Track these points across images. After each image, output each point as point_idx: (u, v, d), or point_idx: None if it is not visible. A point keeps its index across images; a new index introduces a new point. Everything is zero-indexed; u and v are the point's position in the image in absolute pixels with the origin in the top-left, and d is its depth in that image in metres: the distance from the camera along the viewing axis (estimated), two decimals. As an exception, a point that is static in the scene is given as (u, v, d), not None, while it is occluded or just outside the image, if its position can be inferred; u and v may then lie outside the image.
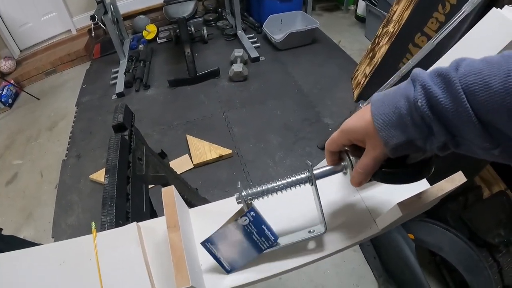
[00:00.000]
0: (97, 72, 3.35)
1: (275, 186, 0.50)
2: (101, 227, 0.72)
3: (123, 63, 3.19)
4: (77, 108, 2.89)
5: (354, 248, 1.71)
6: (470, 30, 1.03)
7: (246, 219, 0.50)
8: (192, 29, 3.38)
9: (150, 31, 3.64)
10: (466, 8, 1.45)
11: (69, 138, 2.60)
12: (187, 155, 2.23)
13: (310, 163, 0.51)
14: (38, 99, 3.14)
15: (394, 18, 2.32)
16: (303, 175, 0.52)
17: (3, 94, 3.08)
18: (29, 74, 3.38)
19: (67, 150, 2.50)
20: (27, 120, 2.93)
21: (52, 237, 1.94)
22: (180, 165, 2.16)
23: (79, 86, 3.20)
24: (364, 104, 1.66)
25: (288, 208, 0.58)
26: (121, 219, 0.80)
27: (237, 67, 2.75)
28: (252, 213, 0.50)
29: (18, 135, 2.78)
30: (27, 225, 2.07)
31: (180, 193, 1.28)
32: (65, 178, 2.28)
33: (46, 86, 3.34)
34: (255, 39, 3.37)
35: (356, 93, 2.56)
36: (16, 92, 3.25)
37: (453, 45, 1.16)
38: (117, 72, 3.12)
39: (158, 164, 1.32)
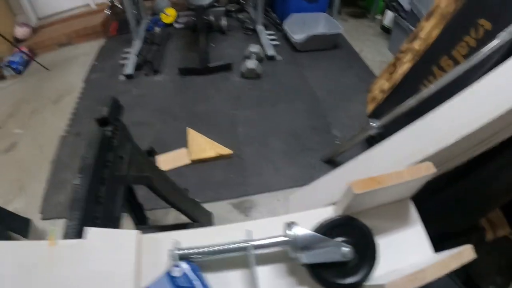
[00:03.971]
0: (110, 50, 3.23)
1: (210, 250, 0.50)
2: (66, 233, 0.64)
3: (137, 44, 3.06)
4: (84, 85, 2.79)
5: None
6: (505, 63, 0.87)
7: (179, 271, 0.47)
8: (212, 18, 3.23)
9: (169, 14, 3.49)
10: (501, 38, 1.28)
11: (72, 115, 2.50)
12: (185, 148, 2.11)
13: (251, 231, 0.51)
14: (49, 70, 3.05)
15: (421, 35, 2.14)
16: (239, 245, 0.51)
17: (15, 61, 3.01)
18: (43, 44, 3.29)
19: (67, 127, 2.40)
20: (34, 90, 2.86)
21: (40, 213, 1.86)
22: (176, 159, 2.06)
23: (90, 62, 3.09)
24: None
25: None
26: (88, 225, 0.70)
27: (251, 63, 2.60)
28: (186, 265, 0.47)
29: (23, 104, 2.71)
30: (19, 197, 2.00)
31: (165, 195, 1.17)
32: (62, 155, 2.20)
33: (58, 57, 3.24)
34: (274, 37, 3.21)
35: (370, 107, 2.40)
36: (28, 61, 3.15)
37: (481, 74, 1.00)
38: (129, 52, 3.00)
39: (143, 164, 1.20)
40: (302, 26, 3.16)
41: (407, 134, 1.19)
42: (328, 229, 0.54)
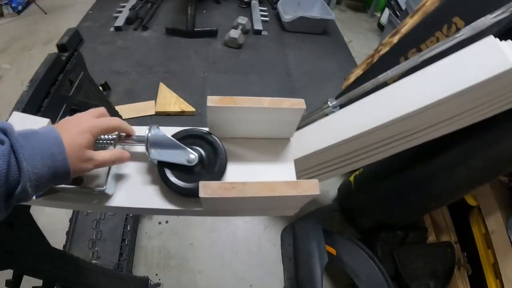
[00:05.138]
0: (107, 1, 3.23)
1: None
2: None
3: (134, -1, 3.07)
4: (75, 31, 2.80)
5: (274, 243, 1.63)
6: (460, 51, 0.87)
7: None
8: (209, -14, 3.22)
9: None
10: (464, 32, 1.26)
11: (57, 56, 2.53)
12: (153, 101, 2.15)
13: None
14: (45, 13, 3.09)
15: (402, 30, 2.12)
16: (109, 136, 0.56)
17: (15, 0, 3.04)
18: (45, -13, 3.28)
19: (50, 67, 2.43)
20: (28, 30, 2.89)
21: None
22: (142, 108, 2.09)
23: (87, 10, 3.11)
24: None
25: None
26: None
27: (234, 33, 2.61)
28: None
29: (15, 42, 2.75)
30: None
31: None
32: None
33: (57, 3, 3.26)
34: (266, 13, 3.21)
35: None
36: (28, 2, 3.19)
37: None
38: (124, 6, 3.01)
39: (92, 93, 1.30)
40: (296, 7, 3.15)
41: (349, 110, 1.19)
42: (184, 137, 0.59)
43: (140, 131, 0.58)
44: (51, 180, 0.41)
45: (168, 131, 0.58)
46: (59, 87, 1.04)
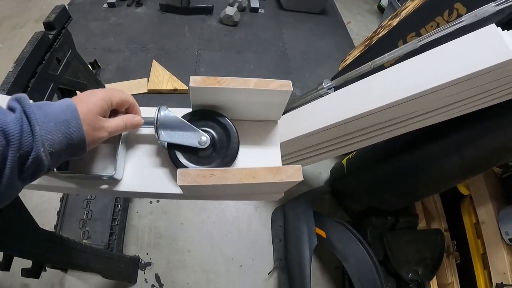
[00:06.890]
0: (101, -23, 3.09)
1: None
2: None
3: (127, -25, 2.92)
4: (68, 7, 2.70)
5: (265, 223, 1.60)
6: (460, 38, 0.82)
7: None
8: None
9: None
10: (466, 19, 1.19)
11: (49, 33, 2.44)
12: (146, 79, 2.07)
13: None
14: (38, -11, 2.96)
15: (403, 13, 2.04)
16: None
17: (6, -23, 2.91)
18: (38, -37, 3.14)
19: (43, 44, 2.35)
20: (20, 7, 2.77)
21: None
22: (135, 86, 2.02)
23: (80, -14, 2.97)
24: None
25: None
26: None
27: (230, 10, 2.50)
28: None
29: (7, 19, 2.64)
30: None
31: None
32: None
33: (50, -22, 3.12)
34: (263, -9, 3.06)
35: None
36: (20, -23, 3.04)
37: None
38: (118, -18, 2.86)
39: (81, 71, 1.27)
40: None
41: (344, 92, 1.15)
42: (194, 118, 0.55)
43: (148, 112, 0.55)
44: (65, 149, 0.39)
45: (177, 113, 0.55)
46: (46, 67, 1.03)
